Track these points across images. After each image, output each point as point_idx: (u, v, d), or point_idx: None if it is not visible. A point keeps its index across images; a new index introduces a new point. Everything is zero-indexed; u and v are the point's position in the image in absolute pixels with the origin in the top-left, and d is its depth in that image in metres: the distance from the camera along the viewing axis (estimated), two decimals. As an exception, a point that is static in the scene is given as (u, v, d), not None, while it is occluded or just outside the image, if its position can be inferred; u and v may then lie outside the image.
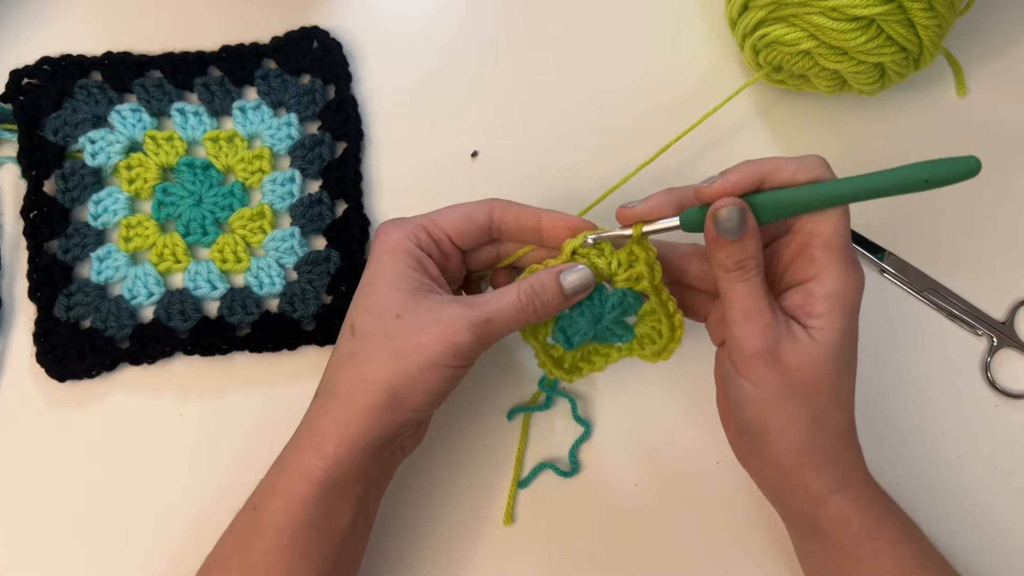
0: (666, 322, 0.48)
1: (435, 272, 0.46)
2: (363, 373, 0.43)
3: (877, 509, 0.43)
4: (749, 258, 0.41)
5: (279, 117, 0.58)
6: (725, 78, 0.61)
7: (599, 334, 0.48)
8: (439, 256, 0.47)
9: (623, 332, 0.48)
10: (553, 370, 0.49)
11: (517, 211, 0.47)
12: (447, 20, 0.62)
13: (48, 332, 0.54)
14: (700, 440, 0.54)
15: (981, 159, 0.61)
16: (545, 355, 0.49)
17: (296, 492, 0.43)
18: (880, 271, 0.58)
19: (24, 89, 0.57)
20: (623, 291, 0.47)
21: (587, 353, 0.50)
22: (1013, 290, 0.58)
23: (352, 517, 0.44)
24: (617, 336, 0.49)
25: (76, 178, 0.56)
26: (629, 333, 0.49)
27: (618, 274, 0.46)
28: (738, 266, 0.41)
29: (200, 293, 0.55)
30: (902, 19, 0.51)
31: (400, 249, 0.45)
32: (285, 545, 0.42)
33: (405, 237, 0.45)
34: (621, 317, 0.48)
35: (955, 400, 0.56)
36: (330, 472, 0.42)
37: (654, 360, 0.49)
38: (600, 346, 0.49)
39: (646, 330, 0.49)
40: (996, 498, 0.54)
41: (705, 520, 0.54)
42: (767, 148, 0.60)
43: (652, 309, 0.48)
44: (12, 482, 0.53)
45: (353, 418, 0.42)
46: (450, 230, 0.46)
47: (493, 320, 0.43)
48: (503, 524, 0.53)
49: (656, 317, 0.48)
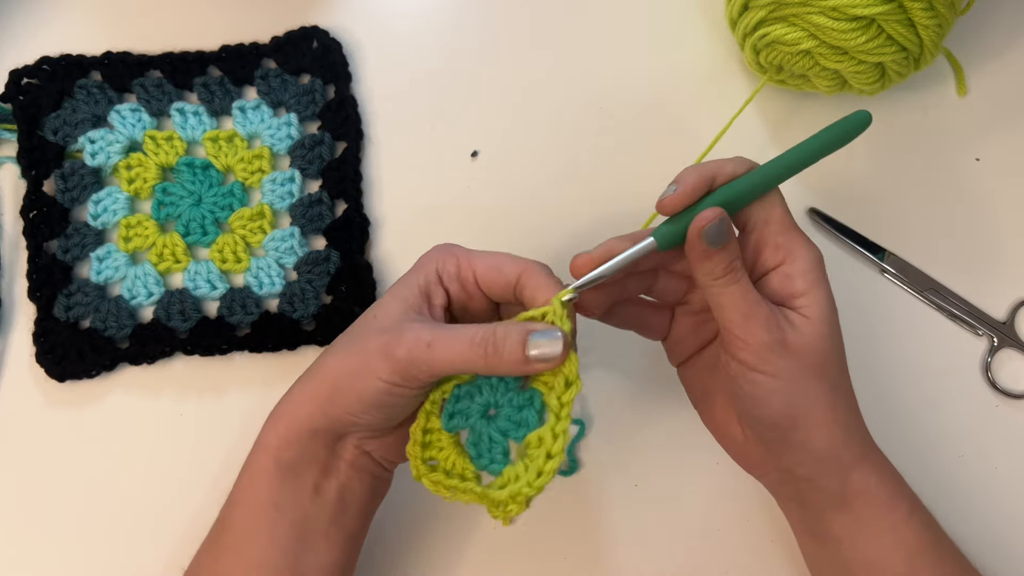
0: (540, 459, 0.40)
1: (439, 302, 0.44)
2: (324, 360, 0.44)
3: (893, 479, 0.44)
4: (736, 259, 0.41)
5: (279, 117, 0.58)
6: (725, 79, 0.61)
7: (478, 435, 0.42)
8: (460, 293, 0.44)
9: (499, 456, 0.41)
10: (414, 445, 0.42)
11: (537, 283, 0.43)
12: (447, 20, 0.62)
13: (48, 332, 0.54)
14: (700, 440, 0.54)
15: (981, 159, 0.61)
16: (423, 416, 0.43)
17: (258, 466, 0.43)
18: (880, 271, 0.58)
19: (24, 89, 0.57)
20: (533, 391, 0.42)
21: (451, 462, 0.42)
22: (1013, 290, 0.58)
23: (311, 503, 0.43)
24: (489, 457, 0.42)
25: (76, 178, 0.56)
26: (503, 461, 0.41)
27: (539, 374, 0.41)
28: (727, 270, 0.41)
29: (200, 293, 0.55)
30: (902, 19, 0.51)
31: (421, 268, 0.44)
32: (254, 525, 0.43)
33: (432, 260, 0.44)
34: (510, 428, 0.41)
35: (955, 400, 0.56)
36: (282, 450, 0.43)
37: (495, 514, 0.41)
38: (466, 465, 0.42)
39: (518, 468, 0.41)
40: (996, 498, 0.54)
41: (705, 520, 0.54)
42: (767, 148, 0.60)
43: (539, 439, 0.40)
44: (12, 482, 0.53)
45: (303, 400, 0.43)
46: (479, 273, 0.44)
47: (435, 346, 0.40)
48: (503, 524, 0.53)
49: (533, 452, 0.40)
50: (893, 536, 0.43)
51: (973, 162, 0.60)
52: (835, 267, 0.58)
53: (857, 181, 0.59)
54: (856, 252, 0.58)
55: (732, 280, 0.41)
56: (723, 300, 0.41)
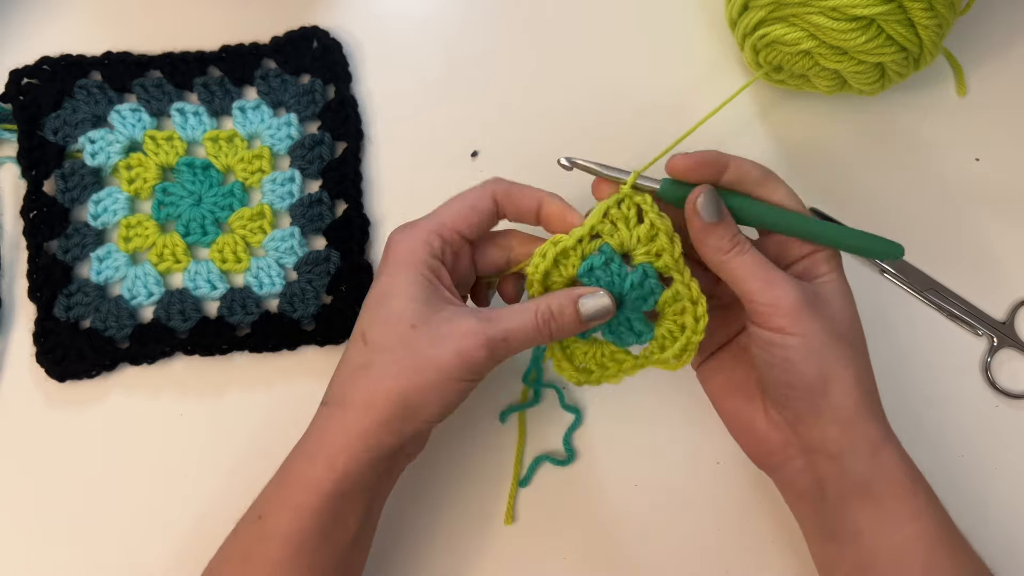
0: (690, 309, 0.45)
1: (448, 281, 0.45)
2: (379, 384, 0.43)
3: (912, 463, 0.44)
4: (738, 233, 0.43)
5: (279, 117, 0.58)
6: (725, 78, 0.61)
7: (615, 327, 0.47)
8: (452, 259, 0.46)
9: (642, 328, 0.46)
10: (561, 361, 0.47)
11: (516, 194, 0.47)
12: (447, 19, 0.62)
13: (48, 332, 0.54)
14: (700, 440, 0.54)
15: (981, 159, 0.62)
16: (560, 347, 0.47)
17: (305, 503, 0.42)
18: (880, 271, 0.58)
19: (24, 89, 0.57)
20: (643, 267, 0.45)
21: (600, 356, 0.48)
22: (1013, 290, 0.58)
23: (359, 527, 0.44)
24: (635, 334, 0.47)
25: (76, 178, 0.56)
26: (648, 331, 0.46)
27: (637, 248, 0.45)
28: (733, 242, 0.43)
29: (200, 293, 0.55)
30: (902, 19, 0.51)
31: (416, 259, 0.45)
32: (292, 555, 0.42)
33: (420, 247, 0.45)
34: (641, 303, 0.46)
35: (955, 400, 0.56)
36: (340, 484, 0.42)
37: (675, 366, 0.47)
38: (616, 350, 0.47)
39: (667, 327, 0.46)
40: (996, 498, 0.54)
41: (705, 520, 0.54)
42: (767, 148, 0.60)
43: (674, 295, 0.46)
44: (12, 482, 0.53)
45: (367, 430, 0.42)
46: (460, 227, 0.46)
47: (509, 339, 0.43)
48: (504, 524, 0.53)
49: (678, 306, 0.46)
50: (914, 525, 0.43)
51: (973, 162, 0.60)
52: (835, 267, 0.58)
53: (857, 181, 0.59)
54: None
55: (741, 251, 0.43)
56: (740, 272, 0.43)
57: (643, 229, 0.45)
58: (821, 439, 0.43)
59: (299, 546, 0.42)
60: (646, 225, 0.45)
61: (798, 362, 0.42)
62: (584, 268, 0.46)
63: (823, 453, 0.43)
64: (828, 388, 0.42)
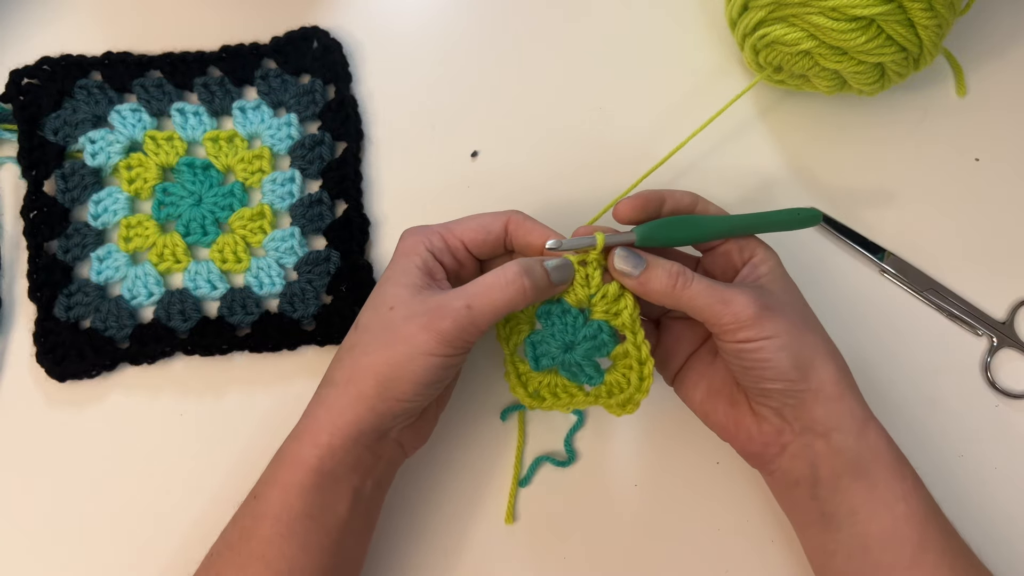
0: (636, 368, 0.47)
1: (440, 276, 0.47)
2: (357, 363, 0.44)
3: (895, 446, 0.46)
4: (674, 268, 0.45)
5: (279, 117, 0.58)
6: (725, 79, 0.61)
7: (568, 365, 0.48)
8: (452, 263, 0.48)
9: (593, 374, 0.48)
10: (516, 386, 0.48)
11: (528, 229, 0.48)
12: (448, 20, 0.62)
13: (48, 332, 0.54)
14: (700, 440, 0.54)
15: (981, 159, 0.62)
16: (511, 365, 0.48)
17: (293, 481, 0.44)
18: (880, 271, 0.58)
19: (24, 89, 0.58)
20: (599, 323, 0.47)
21: (554, 386, 0.49)
22: (1013, 290, 0.58)
23: (349, 508, 0.45)
24: (587, 376, 0.48)
25: (76, 178, 0.56)
26: (599, 376, 0.48)
27: (597, 306, 0.47)
28: (673, 278, 0.45)
29: (200, 293, 0.55)
30: (902, 19, 0.51)
31: (412, 252, 0.47)
32: (283, 534, 0.43)
33: (419, 242, 0.47)
34: (592, 354, 0.47)
35: (955, 400, 0.56)
36: (324, 460, 0.43)
37: (619, 412, 0.48)
38: (569, 383, 0.48)
39: (616, 377, 0.48)
40: (996, 498, 0.54)
41: (705, 520, 0.54)
42: (768, 148, 0.60)
43: (625, 352, 0.47)
44: (12, 482, 0.53)
45: (346, 406, 0.44)
46: (466, 239, 0.48)
47: (473, 305, 0.43)
48: (505, 523, 0.53)
49: (627, 362, 0.47)
50: (905, 505, 0.44)
51: (973, 162, 0.60)
52: (835, 267, 0.58)
53: (857, 181, 0.59)
54: (856, 252, 0.58)
55: (686, 283, 0.45)
56: (695, 301, 0.45)
57: (610, 288, 0.47)
58: (811, 421, 0.45)
59: (289, 524, 0.43)
60: (614, 286, 0.47)
61: (772, 360, 0.44)
62: (542, 310, 0.48)
63: (813, 432, 0.45)
64: (806, 375, 0.44)
